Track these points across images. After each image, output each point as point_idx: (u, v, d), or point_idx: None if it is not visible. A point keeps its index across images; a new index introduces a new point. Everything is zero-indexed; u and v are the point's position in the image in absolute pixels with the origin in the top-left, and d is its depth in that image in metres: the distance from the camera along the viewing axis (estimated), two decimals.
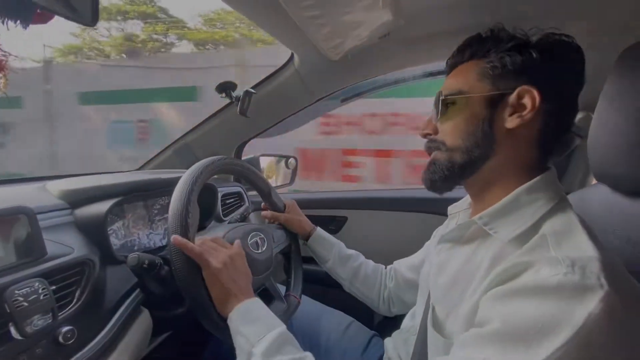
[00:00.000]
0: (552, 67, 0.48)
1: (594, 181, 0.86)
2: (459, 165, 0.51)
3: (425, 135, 0.57)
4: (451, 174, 0.52)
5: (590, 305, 0.34)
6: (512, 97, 0.48)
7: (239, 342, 0.54)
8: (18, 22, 0.35)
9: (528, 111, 0.47)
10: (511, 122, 0.48)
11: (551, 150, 0.51)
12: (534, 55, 0.48)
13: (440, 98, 0.53)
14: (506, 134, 0.49)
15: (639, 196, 0.54)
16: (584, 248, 0.40)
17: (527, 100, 0.47)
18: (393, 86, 1.12)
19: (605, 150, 0.55)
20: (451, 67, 0.57)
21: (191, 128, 1.15)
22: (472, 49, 0.53)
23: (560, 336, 0.34)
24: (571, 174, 0.97)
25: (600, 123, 0.54)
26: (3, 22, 0.34)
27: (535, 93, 0.47)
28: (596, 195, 0.63)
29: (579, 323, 0.34)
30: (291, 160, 1.31)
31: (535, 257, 0.40)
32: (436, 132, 0.55)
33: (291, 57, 0.95)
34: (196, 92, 5.70)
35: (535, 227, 0.45)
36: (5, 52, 0.35)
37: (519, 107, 0.48)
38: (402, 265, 0.84)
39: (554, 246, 0.41)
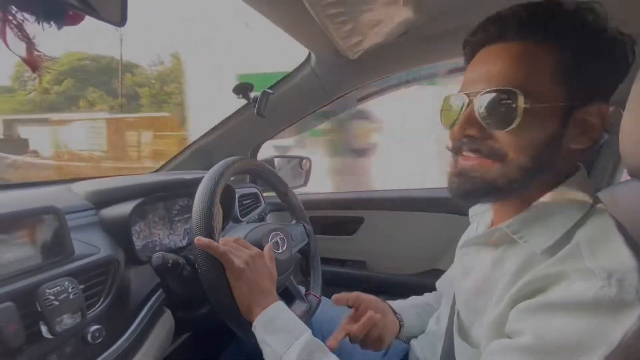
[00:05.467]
0: (620, 78, 0.42)
1: (624, 177, 0.83)
2: (512, 182, 0.42)
3: (466, 136, 0.44)
4: (495, 192, 0.44)
5: (628, 323, 0.33)
6: (583, 112, 0.41)
7: (267, 352, 0.54)
8: (52, 23, 0.36)
9: (597, 131, 0.41)
10: (582, 143, 0.41)
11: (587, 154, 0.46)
12: (612, 63, 0.40)
13: (506, 96, 0.40)
14: (567, 153, 0.42)
15: None
16: (622, 257, 0.37)
17: (595, 119, 0.40)
18: (409, 85, 1.11)
19: (637, 145, 0.53)
20: (496, 37, 0.43)
21: (208, 130, 1.15)
22: (549, 24, 0.39)
23: (596, 354, 0.33)
24: (599, 170, 0.94)
25: (633, 118, 0.52)
26: (38, 23, 0.35)
27: (606, 111, 0.40)
28: (627, 191, 0.61)
29: (615, 341, 0.32)
30: (305, 161, 1.31)
31: (568, 268, 0.37)
32: (486, 135, 0.43)
33: (308, 57, 0.95)
34: None
35: (568, 235, 0.41)
36: (40, 52, 0.36)
37: (586, 124, 0.41)
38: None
39: (588, 256, 0.37)
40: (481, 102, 0.42)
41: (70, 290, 0.49)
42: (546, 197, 0.44)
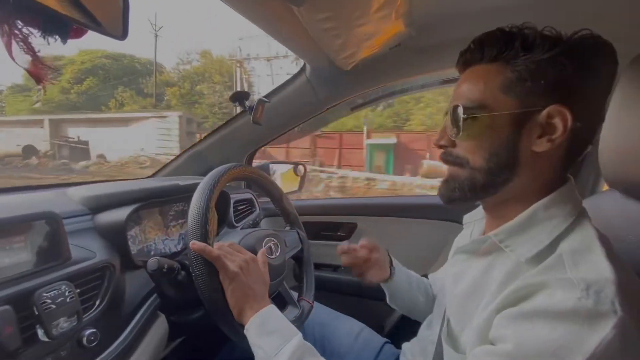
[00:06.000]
0: (586, 80, 0.43)
1: (605, 187, 0.86)
2: (481, 185, 0.47)
3: (440, 147, 0.52)
4: (473, 194, 0.49)
5: (602, 333, 0.34)
6: (541, 117, 0.43)
7: (259, 355, 0.55)
8: (57, 37, 0.37)
9: (559, 135, 0.43)
10: (540, 145, 0.44)
11: (574, 162, 0.48)
12: (568, 68, 0.42)
13: (460, 111, 0.46)
14: (532, 156, 0.45)
15: None
16: (601, 269, 0.38)
17: (557, 122, 0.43)
18: (402, 94, 1.14)
19: (616, 157, 0.56)
20: (465, 64, 0.50)
21: (204, 136, 1.17)
22: (496, 48, 0.45)
23: None
24: (582, 180, 0.97)
25: (611, 129, 0.54)
26: (44, 38, 0.36)
27: (568, 114, 0.42)
28: (609, 201, 0.63)
29: (590, 350, 0.34)
30: (300, 167, 1.33)
31: (550, 278, 0.39)
32: (453, 144, 0.50)
33: (303, 67, 0.97)
34: None
35: (552, 246, 0.43)
36: (45, 65, 0.37)
37: (548, 128, 0.44)
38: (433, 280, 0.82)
39: (570, 266, 0.40)
40: (449, 116, 0.48)
41: (67, 294, 0.50)
42: (533, 208, 0.46)
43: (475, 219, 0.62)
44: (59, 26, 0.38)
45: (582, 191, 0.99)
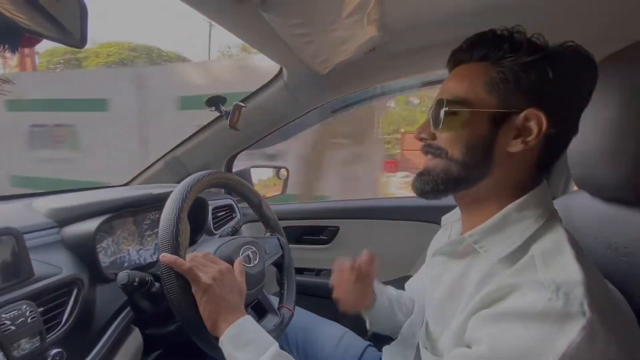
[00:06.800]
0: (565, 89, 0.45)
1: (575, 187, 0.89)
2: (454, 178, 0.48)
3: (420, 139, 0.53)
4: (445, 187, 0.50)
5: (572, 334, 0.35)
6: (519, 119, 0.45)
7: None
8: (6, 46, 0.35)
9: (533, 138, 0.44)
10: (514, 146, 0.45)
11: (547, 168, 0.49)
12: (550, 75, 0.44)
13: (443, 105, 0.47)
14: (505, 156, 0.46)
15: (617, 202, 0.56)
16: (570, 270, 0.39)
17: (533, 125, 0.44)
18: (382, 97, 1.15)
19: (584, 158, 0.58)
20: (455, 62, 0.51)
21: (181, 141, 1.14)
22: (485, 49, 0.47)
23: None
24: (554, 180, 1.00)
25: (579, 132, 0.56)
26: None
27: (543, 118, 0.43)
28: (577, 201, 0.65)
29: (560, 351, 0.35)
30: (282, 170, 1.32)
31: (521, 280, 0.40)
32: (433, 137, 0.51)
33: (280, 71, 0.96)
34: None
35: (524, 247, 0.44)
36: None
37: (523, 130, 0.45)
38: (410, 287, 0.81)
39: (541, 268, 0.40)
40: (431, 110, 0.50)
41: (28, 314, 0.48)
42: (506, 209, 0.47)
43: (452, 220, 0.63)
44: (8, 34, 0.36)
45: (554, 191, 1.02)
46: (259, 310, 0.77)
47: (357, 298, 0.72)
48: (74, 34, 0.41)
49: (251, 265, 0.71)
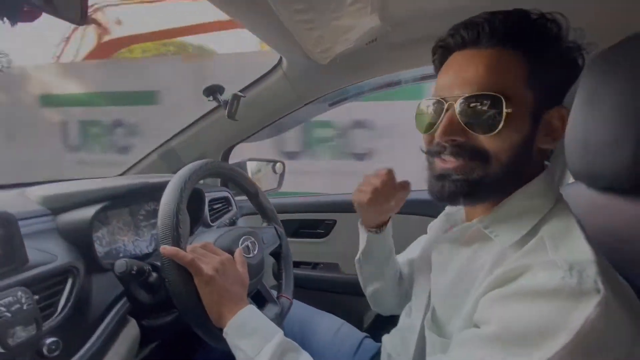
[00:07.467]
0: (571, 80, 0.46)
1: (571, 179, 0.90)
2: (494, 180, 0.45)
3: (452, 142, 0.46)
4: (480, 191, 0.46)
5: (587, 310, 0.35)
6: (549, 115, 0.45)
7: (239, 357, 0.54)
8: (5, 19, 0.34)
9: (559, 133, 0.45)
10: (547, 143, 0.45)
11: (548, 155, 0.49)
12: (574, 72, 0.44)
13: (485, 101, 0.42)
14: (537, 153, 0.46)
15: (612, 191, 0.57)
16: (582, 250, 0.39)
17: (557, 122, 0.44)
18: (381, 90, 1.15)
19: (581, 149, 0.58)
20: (469, 43, 0.45)
21: (177, 132, 1.13)
22: (522, 36, 0.42)
23: (559, 340, 0.35)
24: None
25: (576, 122, 0.56)
26: None
27: (565, 113, 0.44)
28: (573, 192, 0.66)
29: (576, 327, 0.34)
30: (278, 164, 1.31)
31: (533, 260, 0.40)
32: (465, 137, 0.45)
33: (279, 61, 0.95)
34: None
35: (534, 230, 0.44)
36: None
37: (549, 127, 0.45)
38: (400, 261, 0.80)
39: (551, 249, 0.40)
40: (462, 107, 0.44)
41: (23, 301, 0.46)
42: (515, 195, 0.47)
43: (452, 210, 0.62)
44: (8, 6, 0.35)
45: None
46: (258, 300, 0.77)
47: (376, 211, 0.68)
48: (73, 10, 0.40)
49: (251, 255, 0.70)
